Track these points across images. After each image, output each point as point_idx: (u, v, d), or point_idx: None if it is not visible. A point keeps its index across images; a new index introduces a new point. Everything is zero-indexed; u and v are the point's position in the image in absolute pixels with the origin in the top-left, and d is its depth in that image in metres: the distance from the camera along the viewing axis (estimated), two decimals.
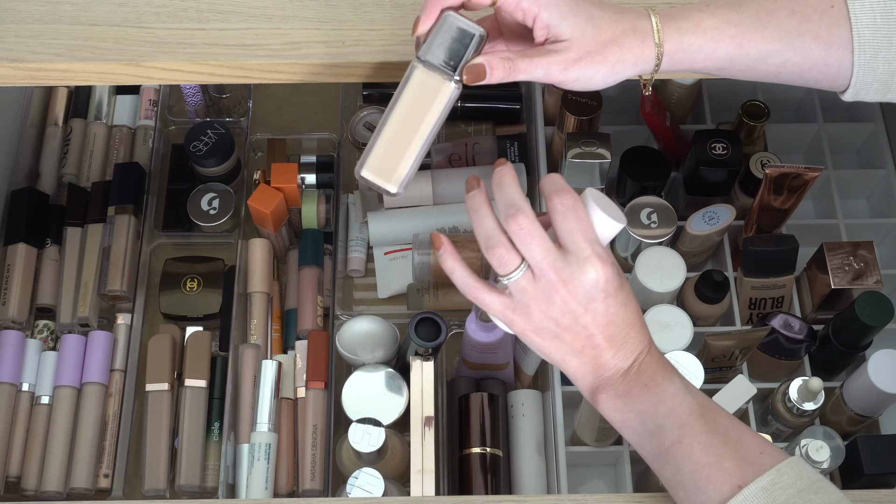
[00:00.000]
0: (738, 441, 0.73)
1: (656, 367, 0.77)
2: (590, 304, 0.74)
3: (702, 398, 0.76)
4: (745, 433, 0.74)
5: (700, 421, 0.74)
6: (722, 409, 0.76)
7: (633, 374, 0.77)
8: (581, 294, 0.74)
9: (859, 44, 0.77)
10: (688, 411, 0.74)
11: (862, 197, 1.35)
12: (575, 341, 0.76)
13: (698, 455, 0.73)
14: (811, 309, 1.20)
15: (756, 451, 0.73)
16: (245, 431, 1.16)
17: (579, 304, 0.74)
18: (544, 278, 0.74)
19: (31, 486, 1.15)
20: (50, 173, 1.32)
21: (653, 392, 0.76)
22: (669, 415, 0.75)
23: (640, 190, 1.21)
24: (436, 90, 0.79)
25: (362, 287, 1.30)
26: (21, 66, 0.87)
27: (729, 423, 0.75)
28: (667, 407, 0.75)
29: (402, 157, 0.80)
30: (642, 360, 0.77)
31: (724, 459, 0.72)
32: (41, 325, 1.24)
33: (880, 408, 1.11)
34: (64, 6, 0.90)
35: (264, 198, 1.21)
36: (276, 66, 0.88)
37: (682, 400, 0.75)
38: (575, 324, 0.75)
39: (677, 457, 0.74)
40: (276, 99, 1.41)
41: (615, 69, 0.77)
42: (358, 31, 0.89)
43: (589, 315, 0.75)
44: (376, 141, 0.80)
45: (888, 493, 0.85)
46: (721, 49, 0.78)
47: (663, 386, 0.76)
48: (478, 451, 1.11)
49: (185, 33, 0.89)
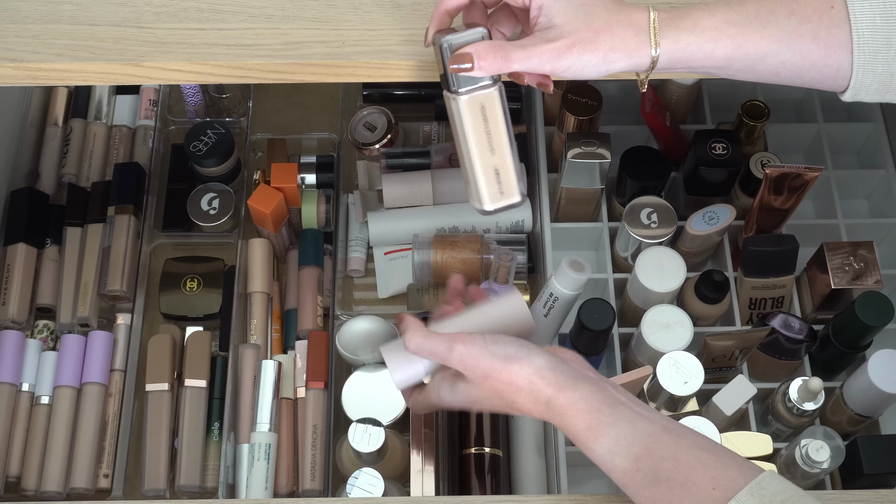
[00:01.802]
0: (685, 483, 0.69)
1: (574, 437, 0.75)
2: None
3: (637, 448, 0.72)
4: (694, 470, 0.70)
5: (637, 477, 0.72)
6: (665, 449, 0.72)
7: (560, 427, 0.76)
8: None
9: (859, 45, 0.77)
10: (620, 472, 0.73)
11: (862, 197, 1.35)
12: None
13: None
14: (811, 309, 1.20)
15: (708, 488, 0.68)
16: (245, 431, 1.16)
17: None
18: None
19: (31, 486, 1.15)
20: (50, 173, 1.32)
21: (588, 455, 0.75)
22: (609, 474, 0.74)
23: (640, 190, 1.21)
24: (485, 103, 0.80)
25: (362, 287, 1.30)
26: (21, 66, 0.87)
27: (673, 465, 0.70)
28: (604, 469, 0.74)
29: (504, 171, 0.82)
30: (560, 427, 0.76)
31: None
32: (41, 325, 1.24)
33: (880, 408, 1.11)
34: (64, 6, 0.90)
35: (264, 198, 1.21)
36: (276, 66, 0.88)
37: (611, 465, 0.73)
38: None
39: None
40: (276, 99, 1.41)
41: (608, 58, 0.77)
42: (358, 31, 0.89)
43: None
44: (474, 175, 0.82)
45: (888, 493, 0.85)
46: (720, 49, 0.77)
47: (589, 455, 0.75)
48: (478, 451, 1.11)
49: (185, 33, 0.89)
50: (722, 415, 1.07)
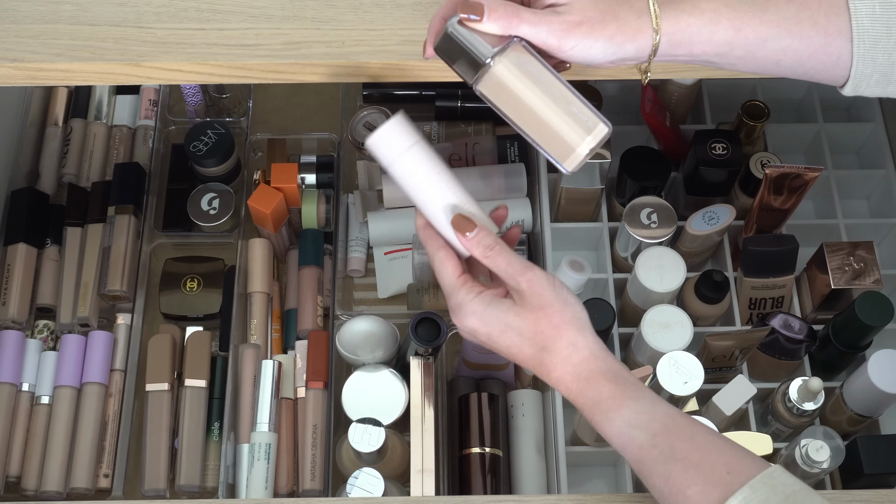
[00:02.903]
0: (700, 464, 0.71)
1: (593, 404, 0.76)
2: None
3: (656, 425, 0.73)
4: (710, 453, 0.71)
5: (653, 453, 0.72)
6: (683, 430, 0.73)
7: (575, 401, 0.77)
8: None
9: (858, 33, 0.77)
10: (637, 447, 0.73)
11: (862, 197, 1.35)
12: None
13: (660, 486, 0.72)
14: (811, 309, 1.20)
15: (723, 472, 0.70)
16: (245, 431, 1.16)
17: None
18: None
19: (31, 486, 1.15)
20: (50, 173, 1.32)
21: (601, 428, 0.76)
22: (623, 450, 0.74)
23: (640, 190, 1.21)
24: (520, 58, 0.76)
25: (362, 287, 1.30)
26: (21, 66, 0.87)
27: (689, 446, 0.72)
28: (617, 444, 0.75)
29: (578, 108, 0.77)
30: (575, 392, 0.76)
31: (685, 487, 0.70)
32: (41, 325, 1.24)
33: (880, 408, 1.11)
34: (64, 6, 0.90)
35: (264, 198, 1.21)
36: (276, 66, 0.88)
37: (628, 438, 0.74)
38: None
39: (646, 483, 0.74)
40: (276, 99, 1.41)
41: (614, 41, 0.76)
42: (358, 31, 0.89)
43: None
44: (552, 128, 0.77)
45: (888, 493, 0.85)
46: (720, 32, 0.77)
47: (605, 426, 0.75)
48: (478, 451, 1.11)
49: (185, 33, 0.89)
50: (722, 415, 1.07)
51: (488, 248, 0.78)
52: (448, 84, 1.35)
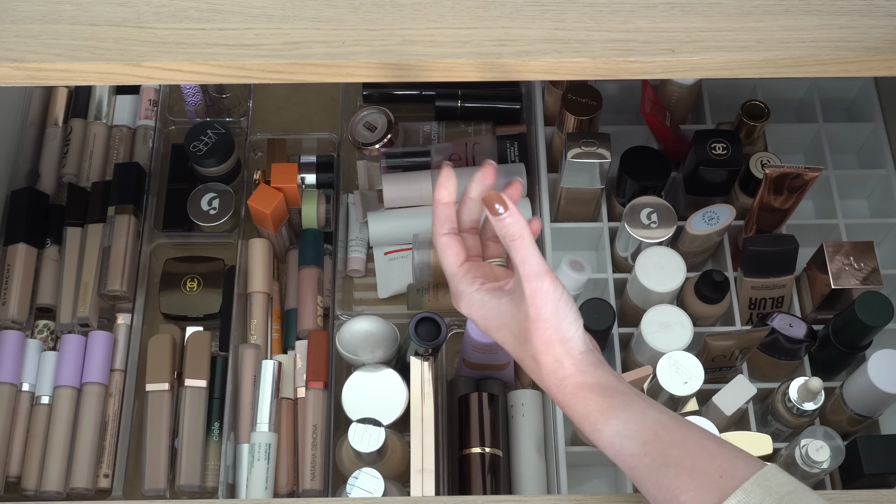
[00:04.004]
0: (692, 470, 0.70)
1: (581, 417, 0.76)
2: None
3: (647, 433, 0.73)
4: (702, 458, 0.71)
5: (645, 461, 0.72)
6: (674, 436, 0.72)
7: (565, 412, 0.77)
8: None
9: None
10: (628, 456, 0.73)
11: (862, 197, 1.35)
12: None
13: (654, 493, 0.72)
14: (811, 309, 1.20)
15: (716, 476, 0.69)
16: (245, 431, 1.16)
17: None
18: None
19: (31, 486, 1.15)
20: (50, 173, 1.32)
21: (593, 439, 0.76)
22: (615, 459, 0.74)
23: (640, 190, 1.21)
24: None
25: (362, 287, 1.30)
26: (21, 66, 0.87)
27: (681, 452, 0.71)
28: (609, 454, 0.75)
29: None
30: (563, 404, 0.77)
31: (679, 494, 0.70)
32: (41, 325, 1.24)
33: (880, 408, 1.11)
34: (64, 6, 0.90)
35: (264, 198, 1.21)
36: (276, 66, 0.88)
37: (619, 448, 0.74)
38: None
39: (641, 490, 0.73)
40: (276, 99, 1.41)
41: None
42: (358, 31, 0.89)
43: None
44: None
45: (888, 493, 0.85)
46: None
47: (596, 438, 0.75)
48: (478, 451, 1.11)
49: (185, 33, 0.89)
50: (722, 415, 1.07)
51: (514, 238, 0.76)
52: (448, 84, 1.35)
